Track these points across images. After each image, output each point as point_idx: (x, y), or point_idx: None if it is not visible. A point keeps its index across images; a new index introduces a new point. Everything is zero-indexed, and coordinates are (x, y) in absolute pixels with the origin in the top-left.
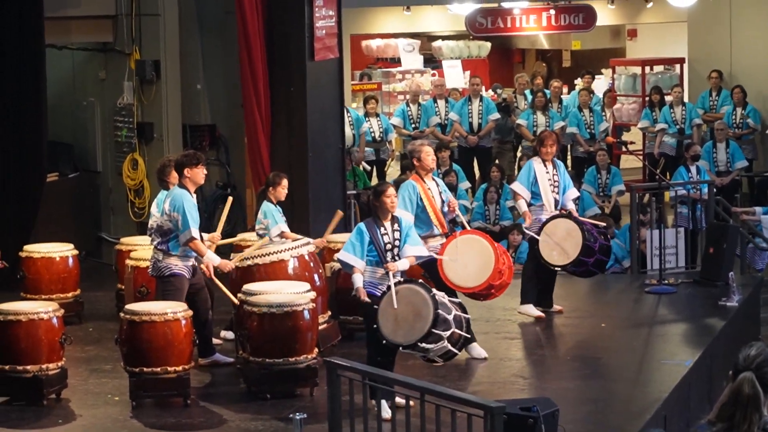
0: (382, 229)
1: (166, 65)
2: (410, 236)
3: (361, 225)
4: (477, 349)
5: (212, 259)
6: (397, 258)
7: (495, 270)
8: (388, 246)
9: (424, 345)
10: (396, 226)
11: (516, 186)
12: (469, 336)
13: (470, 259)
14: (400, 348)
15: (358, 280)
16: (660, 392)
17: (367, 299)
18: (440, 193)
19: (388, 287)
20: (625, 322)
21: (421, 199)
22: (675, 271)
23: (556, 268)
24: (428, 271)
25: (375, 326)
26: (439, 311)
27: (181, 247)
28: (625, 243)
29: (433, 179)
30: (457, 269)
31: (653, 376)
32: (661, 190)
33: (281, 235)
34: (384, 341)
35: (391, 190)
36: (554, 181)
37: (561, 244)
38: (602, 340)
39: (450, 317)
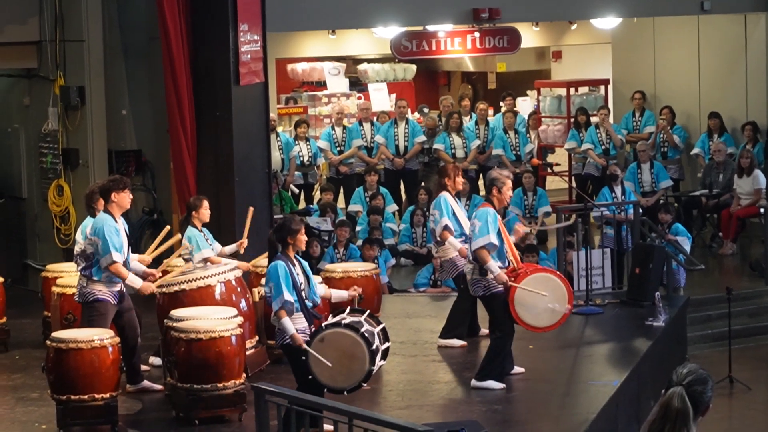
0: (296, 269)
1: (91, 91)
2: (312, 278)
3: (283, 264)
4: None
5: (134, 281)
6: (307, 301)
7: (568, 312)
8: (302, 286)
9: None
10: (300, 267)
11: (445, 221)
12: (389, 344)
13: (544, 298)
14: (345, 393)
15: (290, 325)
16: (588, 413)
17: (306, 346)
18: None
19: (313, 334)
20: (552, 344)
21: (499, 230)
22: (601, 291)
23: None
24: None
25: (311, 377)
26: (373, 347)
27: (104, 272)
28: (554, 264)
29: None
30: (529, 307)
31: (581, 397)
32: (586, 211)
33: (205, 260)
34: (326, 389)
35: (303, 229)
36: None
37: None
38: (529, 362)
39: (377, 342)
